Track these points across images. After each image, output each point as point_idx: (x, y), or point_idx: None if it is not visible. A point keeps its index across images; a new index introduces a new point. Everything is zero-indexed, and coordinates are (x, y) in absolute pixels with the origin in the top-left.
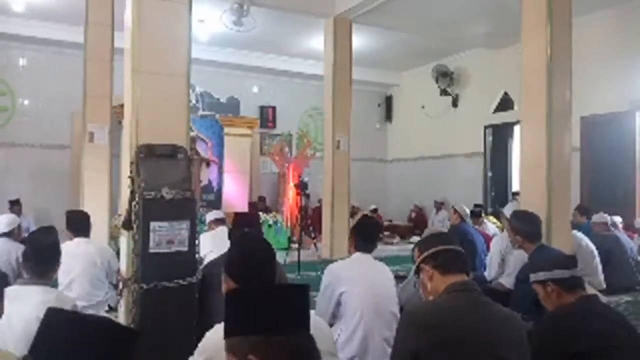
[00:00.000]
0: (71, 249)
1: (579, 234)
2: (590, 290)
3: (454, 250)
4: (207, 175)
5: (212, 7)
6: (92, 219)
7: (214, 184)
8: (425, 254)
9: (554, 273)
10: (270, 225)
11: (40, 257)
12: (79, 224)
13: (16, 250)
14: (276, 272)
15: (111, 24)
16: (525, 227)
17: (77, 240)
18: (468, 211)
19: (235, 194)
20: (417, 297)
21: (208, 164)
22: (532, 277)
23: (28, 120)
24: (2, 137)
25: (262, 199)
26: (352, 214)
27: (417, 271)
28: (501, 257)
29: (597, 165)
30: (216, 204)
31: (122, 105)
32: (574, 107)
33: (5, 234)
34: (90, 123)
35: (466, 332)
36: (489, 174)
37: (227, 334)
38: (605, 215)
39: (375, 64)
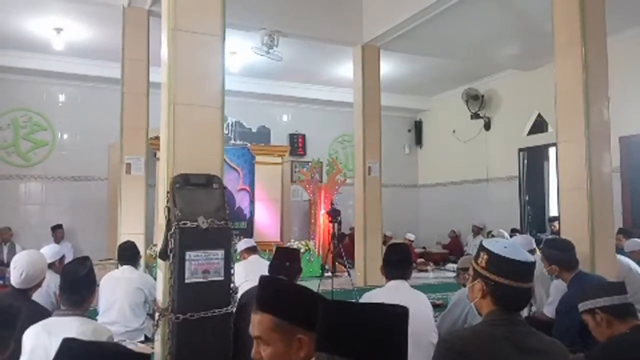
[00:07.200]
0: (116, 274)
1: (626, 258)
2: None
3: (521, 290)
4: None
5: (243, 39)
6: None
7: (246, 212)
8: (491, 276)
9: (601, 300)
10: (302, 254)
11: (75, 288)
12: (124, 253)
13: (55, 282)
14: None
15: (147, 59)
16: (560, 256)
17: (122, 268)
18: (507, 235)
19: (267, 222)
20: (459, 327)
21: None
22: (580, 306)
23: (67, 153)
24: (42, 171)
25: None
26: (384, 242)
27: (475, 275)
28: None
29: (638, 186)
30: (248, 232)
31: (157, 137)
32: (612, 127)
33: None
34: (127, 155)
35: None
36: (525, 197)
37: (318, 348)
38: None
39: (404, 90)
